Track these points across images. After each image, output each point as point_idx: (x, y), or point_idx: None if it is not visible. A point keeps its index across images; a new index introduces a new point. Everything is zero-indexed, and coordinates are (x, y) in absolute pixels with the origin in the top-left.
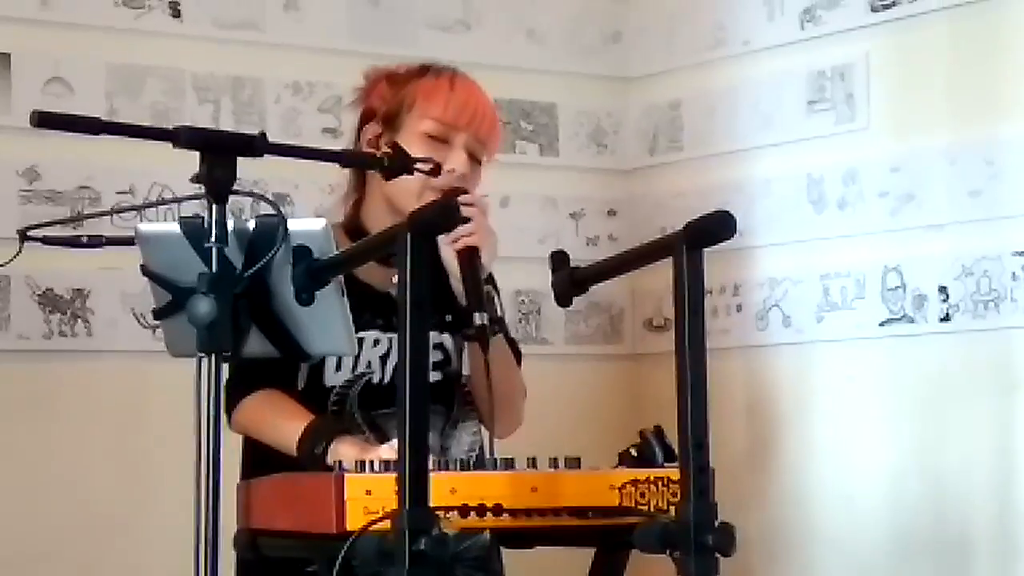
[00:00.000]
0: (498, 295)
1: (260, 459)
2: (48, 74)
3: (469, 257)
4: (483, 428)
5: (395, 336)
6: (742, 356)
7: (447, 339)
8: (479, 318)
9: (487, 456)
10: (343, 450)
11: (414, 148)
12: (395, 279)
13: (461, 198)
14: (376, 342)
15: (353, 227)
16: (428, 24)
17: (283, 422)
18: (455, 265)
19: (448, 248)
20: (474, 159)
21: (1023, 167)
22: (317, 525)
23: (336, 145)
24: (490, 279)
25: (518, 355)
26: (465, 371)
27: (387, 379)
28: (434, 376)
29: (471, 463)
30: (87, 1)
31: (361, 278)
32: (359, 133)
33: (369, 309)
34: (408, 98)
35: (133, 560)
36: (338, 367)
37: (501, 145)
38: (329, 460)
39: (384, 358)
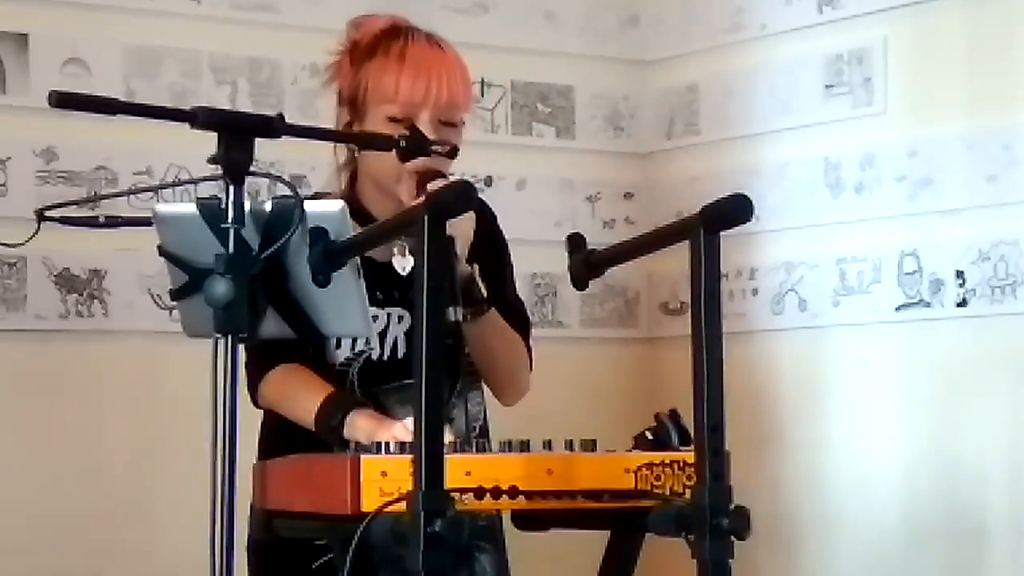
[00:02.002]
0: (507, 257)
1: (277, 441)
2: (66, 55)
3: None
4: (484, 402)
5: (394, 311)
6: (758, 340)
7: (449, 310)
8: (452, 313)
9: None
10: (359, 423)
11: (380, 131)
12: (395, 251)
13: (431, 183)
14: (375, 318)
15: (349, 201)
16: (445, 6)
17: (303, 396)
18: None
19: None
20: (447, 124)
21: None
22: (333, 506)
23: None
24: (497, 242)
25: (524, 321)
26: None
27: (387, 355)
28: None
29: (487, 445)
30: None
31: None
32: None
33: (368, 284)
34: (363, 82)
35: (148, 540)
36: (338, 344)
37: (518, 127)
38: (345, 433)
39: (383, 334)
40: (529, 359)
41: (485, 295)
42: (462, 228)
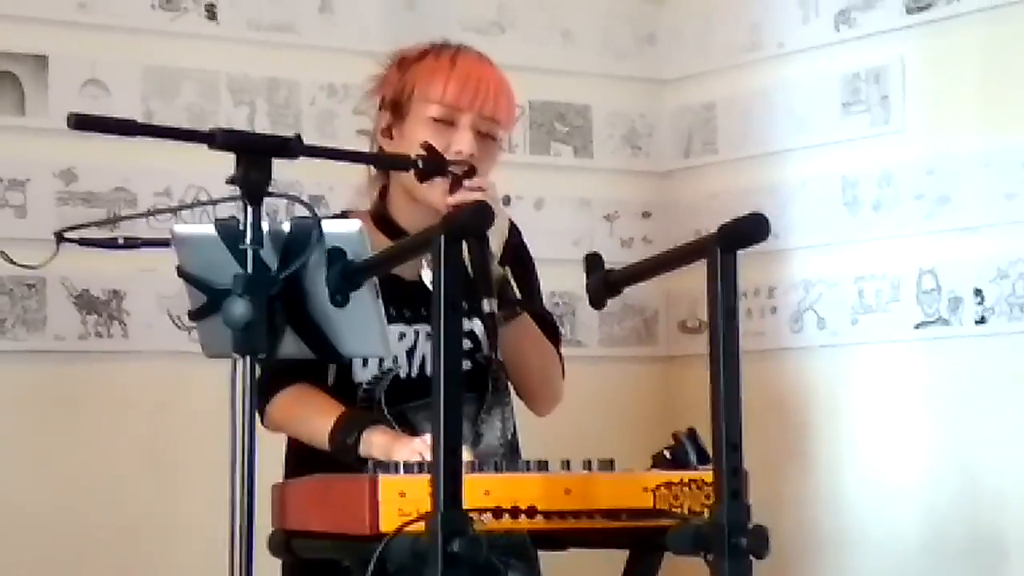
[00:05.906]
0: (534, 271)
1: (304, 460)
2: (85, 76)
3: (477, 243)
4: (514, 415)
5: (421, 328)
6: (776, 358)
7: (476, 325)
8: (487, 305)
9: (518, 441)
10: (375, 440)
11: (421, 133)
12: (424, 263)
13: (468, 183)
14: (402, 336)
15: (380, 216)
16: (463, 26)
17: (316, 416)
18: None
19: None
20: (487, 136)
21: None
22: (351, 526)
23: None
24: (523, 256)
25: (555, 331)
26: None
27: (414, 373)
28: (464, 364)
29: (504, 464)
30: (124, 3)
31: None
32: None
33: (395, 302)
34: (409, 83)
35: (166, 560)
36: (365, 363)
37: (536, 147)
38: (361, 450)
39: (410, 352)
40: (561, 367)
41: (519, 297)
42: (498, 225)
